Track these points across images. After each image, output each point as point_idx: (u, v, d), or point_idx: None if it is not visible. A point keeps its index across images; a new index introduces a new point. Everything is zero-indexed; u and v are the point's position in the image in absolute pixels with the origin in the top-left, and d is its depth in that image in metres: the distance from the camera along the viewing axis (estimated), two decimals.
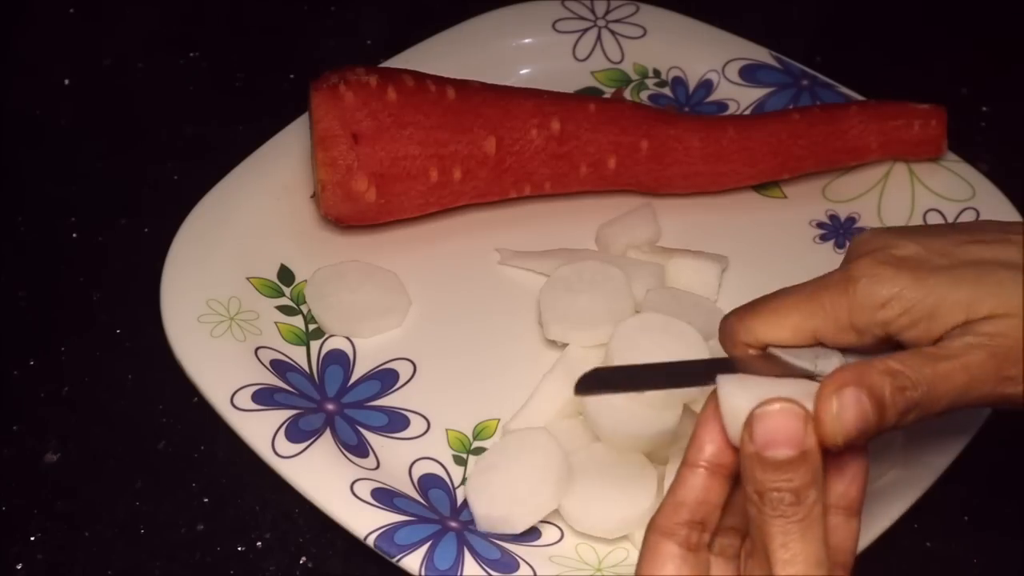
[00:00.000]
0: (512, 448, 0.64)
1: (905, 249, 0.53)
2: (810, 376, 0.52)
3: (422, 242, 0.76)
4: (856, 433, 0.49)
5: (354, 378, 0.70)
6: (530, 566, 0.61)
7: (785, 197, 0.78)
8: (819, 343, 0.54)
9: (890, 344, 0.53)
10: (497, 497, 0.63)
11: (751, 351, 0.54)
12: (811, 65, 0.83)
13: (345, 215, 0.73)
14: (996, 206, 0.74)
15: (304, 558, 0.65)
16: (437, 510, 0.64)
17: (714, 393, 0.51)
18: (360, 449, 0.66)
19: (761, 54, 0.83)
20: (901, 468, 0.64)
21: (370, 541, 0.61)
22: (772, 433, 0.48)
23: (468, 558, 0.61)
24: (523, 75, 0.84)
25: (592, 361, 0.68)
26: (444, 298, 0.74)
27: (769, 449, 0.48)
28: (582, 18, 0.86)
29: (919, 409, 0.50)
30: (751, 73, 0.83)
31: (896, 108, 0.77)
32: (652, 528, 0.51)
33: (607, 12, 0.86)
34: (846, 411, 0.49)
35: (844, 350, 0.53)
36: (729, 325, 0.55)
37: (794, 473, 0.48)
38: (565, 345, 0.70)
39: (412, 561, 0.60)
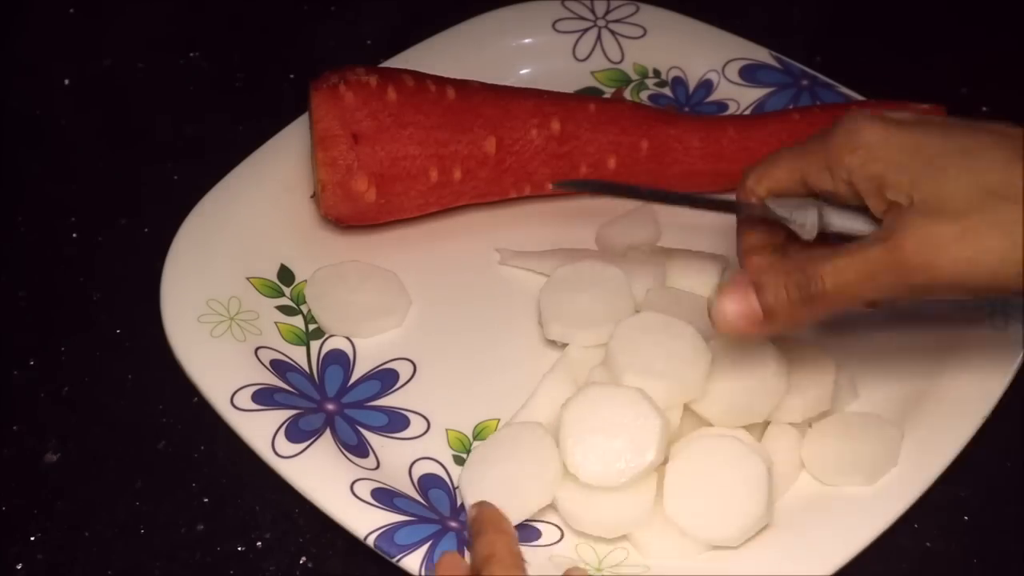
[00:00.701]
0: (507, 441, 0.64)
1: (901, 116, 0.56)
2: (785, 222, 0.60)
3: (422, 242, 0.76)
4: (744, 322, 0.57)
5: (354, 378, 0.70)
6: (529, 566, 0.61)
7: None
8: (810, 192, 0.59)
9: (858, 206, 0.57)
10: (490, 489, 0.63)
11: (754, 200, 0.61)
12: (811, 65, 0.83)
13: (345, 215, 0.73)
14: None
15: (304, 558, 0.65)
16: (437, 510, 0.64)
17: None
18: (360, 449, 0.66)
19: (761, 54, 0.83)
20: (901, 468, 0.64)
21: (370, 541, 0.61)
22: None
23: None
24: (523, 75, 0.84)
25: (592, 360, 0.68)
26: (444, 298, 0.74)
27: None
28: (582, 18, 0.86)
29: (824, 301, 0.56)
30: (751, 73, 0.83)
31: (896, 108, 0.77)
32: None
33: (607, 12, 0.86)
34: (728, 304, 0.58)
35: (827, 201, 0.59)
36: (742, 175, 0.61)
37: None
38: (565, 345, 0.70)
39: (412, 561, 0.61)
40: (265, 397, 0.67)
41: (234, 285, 0.72)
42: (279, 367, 0.69)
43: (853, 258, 0.55)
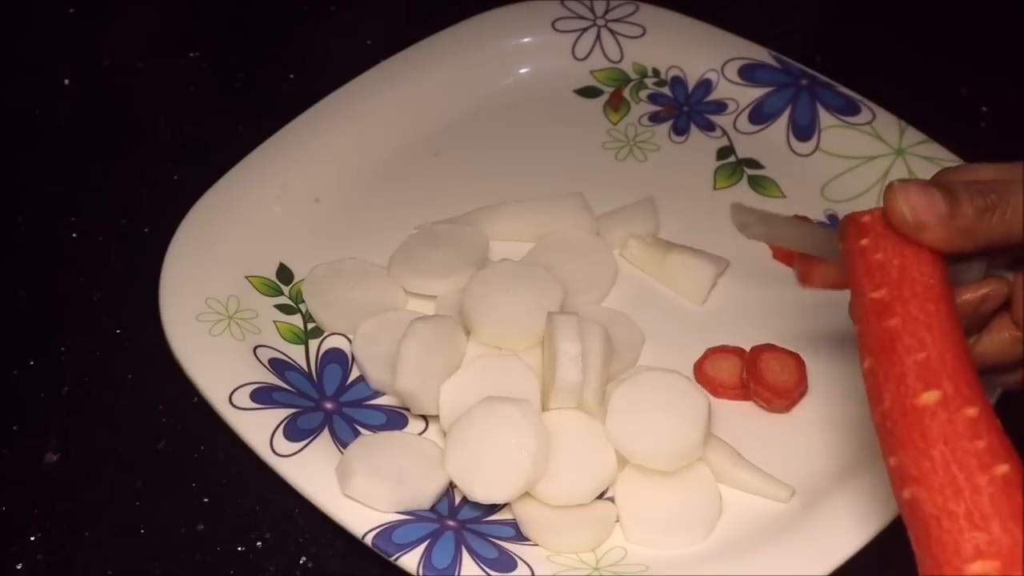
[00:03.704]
0: (480, 419, 0.64)
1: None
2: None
3: None
4: (924, 212, 0.53)
5: (352, 377, 0.70)
6: (528, 565, 0.61)
7: (784, 196, 0.78)
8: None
9: None
10: (478, 470, 0.63)
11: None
12: (811, 65, 0.83)
13: None
14: None
15: (304, 558, 0.65)
16: (436, 509, 0.64)
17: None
18: None
19: (760, 53, 0.83)
20: None
21: (368, 540, 0.61)
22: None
23: (466, 557, 0.61)
24: (523, 74, 0.84)
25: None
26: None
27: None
28: (581, 17, 0.86)
29: (999, 212, 0.53)
30: (750, 72, 0.83)
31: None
32: None
33: (606, 11, 0.86)
34: (911, 194, 0.53)
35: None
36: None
37: None
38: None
39: (410, 560, 0.60)
40: (264, 396, 0.67)
41: (233, 284, 0.72)
42: (278, 366, 0.69)
43: None
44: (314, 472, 0.64)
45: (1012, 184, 0.54)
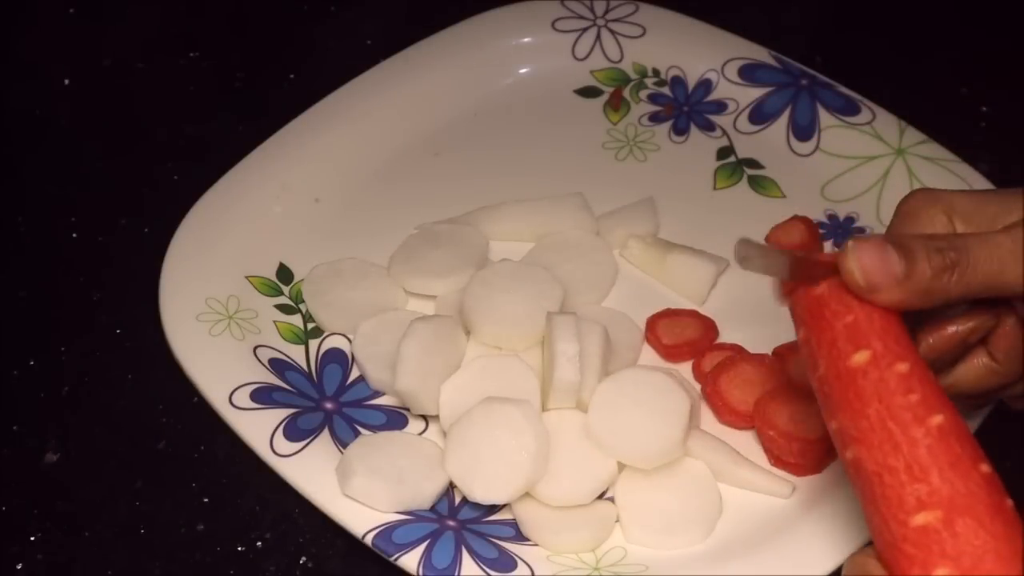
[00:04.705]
0: (480, 419, 0.64)
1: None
2: None
3: None
4: (878, 274, 0.52)
5: (352, 377, 0.70)
6: (528, 565, 0.61)
7: (784, 197, 0.78)
8: None
9: None
10: (478, 470, 0.63)
11: None
12: (811, 65, 0.83)
13: None
14: None
15: (304, 558, 0.65)
16: (435, 509, 0.64)
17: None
18: None
19: (760, 53, 0.83)
20: None
21: (368, 540, 0.61)
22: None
23: (466, 557, 0.61)
24: (522, 74, 0.84)
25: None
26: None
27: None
28: (581, 17, 0.86)
29: (959, 271, 0.52)
30: (750, 72, 0.83)
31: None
32: None
33: (606, 11, 0.86)
34: (863, 256, 0.52)
35: None
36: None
37: None
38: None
39: (410, 560, 0.60)
40: (264, 396, 0.67)
41: (233, 284, 0.72)
42: (278, 366, 0.69)
43: (1010, 235, 0.53)
44: (314, 472, 0.64)
45: (971, 239, 0.53)
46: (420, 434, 0.67)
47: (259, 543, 0.66)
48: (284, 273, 0.74)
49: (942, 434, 0.49)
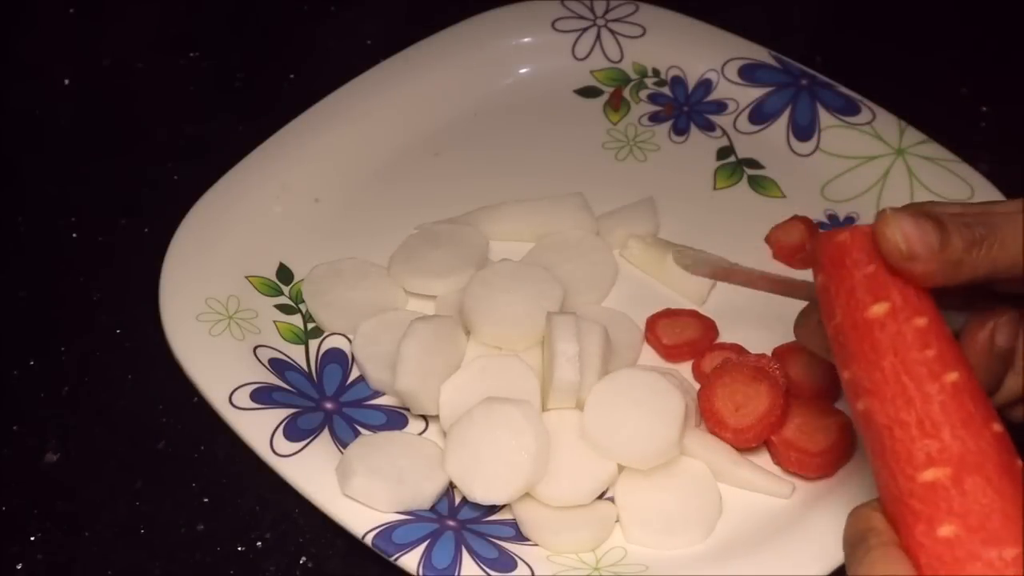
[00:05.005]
0: (480, 419, 0.64)
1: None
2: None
3: None
4: (917, 243, 0.50)
5: (352, 377, 0.70)
6: (528, 565, 0.61)
7: (784, 196, 0.78)
8: None
9: None
10: (478, 470, 0.63)
11: None
12: (811, 65, 0.83)
13: None
14: None
15: (304, 558, 0.65)
16: (435, 509, 0.64)
17: None
18: None
19: (760, 53, 0.83)
20: None
21: (368, 540, 0.61)
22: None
23: (466, 557, 0.61)
24: (522, 74, 0.84)
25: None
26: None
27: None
28: (581, 17, 0.86)
29: (987, 245, 0.51)
30: (750, 72, 0.83)
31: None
32: None
33: (606, 11, 0.86)
34: (904, 225, 0.51)
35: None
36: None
37: None
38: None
39: (410, 560, 0.61)
40: (264, 396, 0.67)
41: (233, 284, 0.72)
42: (278, 366, 0.69)
43: None
44: (314, 472, 0.64)
45: (998, 217, 0.53)
46: (420, 434, 0.67)
47: (259, 543, 0.66)
48: (284, 273, 0.74)
49: (956, 391, 0.49)
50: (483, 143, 0.82)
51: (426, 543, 0.61)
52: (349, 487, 0.62)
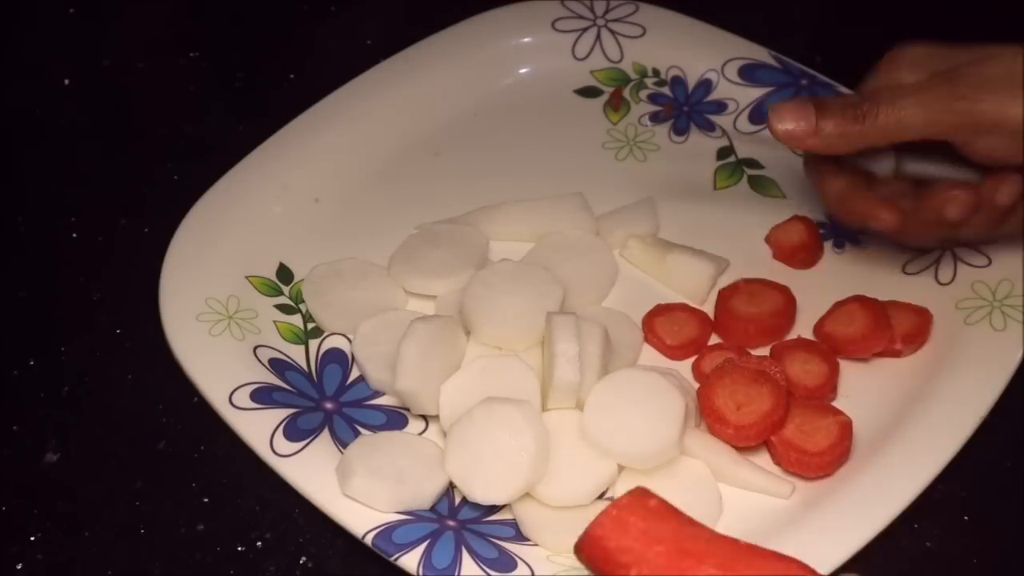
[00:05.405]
0: (480, 419, 0.64)
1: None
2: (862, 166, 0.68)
3: None
4: (794, 123, 0.64)
5: (352, 377, 0.70)
6: (528, 565, 0.61)
7: (784, 197, 0.78)
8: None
9: None
10: (479, 470, 0.63)
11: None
12: (811, 64, 0.83)
13: None
14: None
15: (304, 558, 0.65)
16: (435, 509, 0.64)
17: None
18: None
19: (760, 53, 0.83)
20: (900, 468, 0.64)
21: (368, 540, 0.61)
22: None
23: (466, 557, 0.61)
24: (522, 74, 0.84)
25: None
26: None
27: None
28: (581, 17, 0.86)
29: (869, 119, 0.64)
30: (750, 72, 0.83)
31: None
32: None
33: (606, 11, 0.86)
34: (782, 109, 0.65)
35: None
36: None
37: None
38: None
39: (410, 560, 0.60)
40: (264, 396, 0.67)
41: (233, 284, 0.72)
42: (278, 366, 0.69)
43: (914, 90, 0.64)
44: (314, 472, 0.64)
45: (883, 92, 0.65)
46: (420, 434, 0.67)
47: (259, 543, 0.66)
48: (284, 273, 0.74)
49: None
50: (483, 143, 0.82)
51: (426, 543, 0.61)
52: (349, 487, 0.62)
